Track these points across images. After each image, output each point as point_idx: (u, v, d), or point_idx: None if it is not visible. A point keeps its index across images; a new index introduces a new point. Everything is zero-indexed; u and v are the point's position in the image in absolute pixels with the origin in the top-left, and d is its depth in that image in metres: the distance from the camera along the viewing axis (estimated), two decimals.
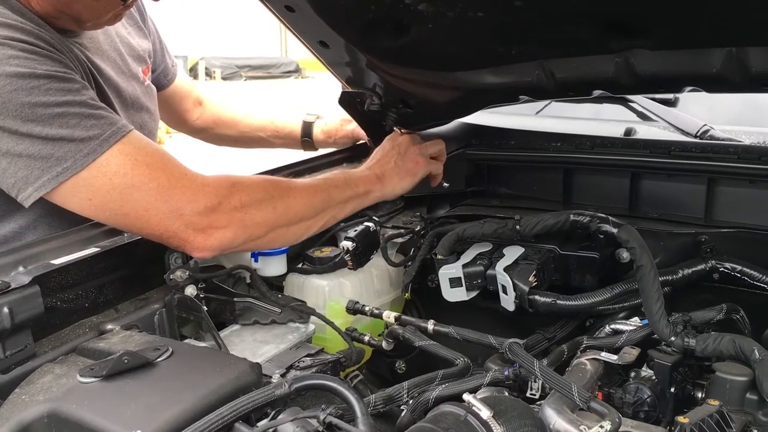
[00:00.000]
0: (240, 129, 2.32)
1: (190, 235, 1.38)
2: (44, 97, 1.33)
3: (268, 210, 1.46)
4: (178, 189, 1.37)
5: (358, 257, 1.73)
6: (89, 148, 1.33)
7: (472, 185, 2.06)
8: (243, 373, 1.11)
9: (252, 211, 1.43)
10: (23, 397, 1.09)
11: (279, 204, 1.48)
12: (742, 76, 1.41)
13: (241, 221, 1.42)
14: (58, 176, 1.32)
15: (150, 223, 1.36)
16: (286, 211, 1.50)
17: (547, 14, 1.44)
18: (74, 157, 1.32)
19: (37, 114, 1.32)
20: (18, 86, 1.31)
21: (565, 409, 1.15)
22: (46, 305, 1.22)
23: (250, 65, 19.74)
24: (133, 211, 1.36)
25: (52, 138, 1.32)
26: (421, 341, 1.52)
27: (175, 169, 1.40)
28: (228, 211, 1.40)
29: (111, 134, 1.35)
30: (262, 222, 1.46)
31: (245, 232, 1.44)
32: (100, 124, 1.36)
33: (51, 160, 1.32)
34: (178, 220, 1.36)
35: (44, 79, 1.34)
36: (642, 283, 1.41)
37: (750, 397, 1.19)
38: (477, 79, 1.75)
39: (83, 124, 1.34)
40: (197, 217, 1.37)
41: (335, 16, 1.63)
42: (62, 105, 1.34)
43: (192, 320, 1.50)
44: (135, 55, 1.84)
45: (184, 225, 1.37)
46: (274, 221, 1.48)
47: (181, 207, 1.36)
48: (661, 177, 1.80)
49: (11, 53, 1.34)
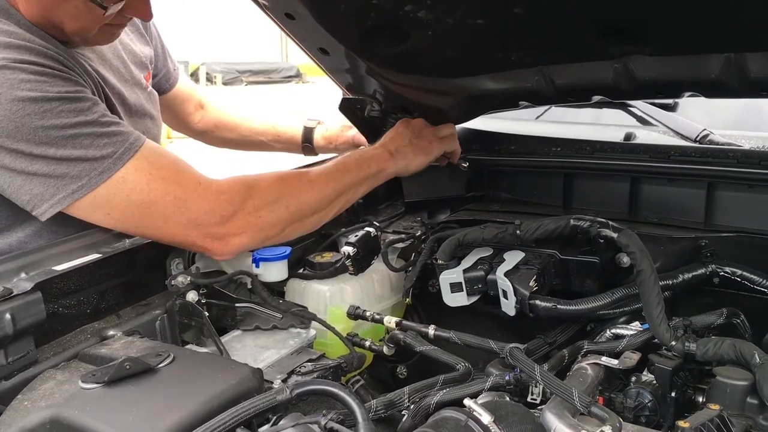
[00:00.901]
0: (241, 132, 2.34)
1: (209, 243, 1.46)
2: (57, 119, 1.35)
3: (282, 210, 1.53)
4: (193, 200, 1.43)
5: (359, 262, 1.73)
6: (104, 166, 1.37)
7: (473, 190, 2.07)
8: (244, 378, 1.11)
9: (266, 214, 1.50)
10: (25, 403, 1.10)
11: (292, 202, 1.54)
12: (740, 81, 1.42)
13: (256, 225, 1.49)
14: (74, 193, 1.36)
15: (169, 234, 1.43)
16: (299, 208, 1.56)
17: (546, 21, 1.45)
18: (89, 176, 1.36)
19: (51, 136, 1.35)
20: (31, 110, 1.34)
21: (566, 413, 1.15)
22: (48, 311, 1.22)
23: (250, 70, 19.77)
24: (152, 224, 1.42)
25: (66, 159, 1.35)
26: (422, 346, 1.52)
27: (189, 180, 1.45)
28: (243, 217, 1.47)
29: (124, 151, 1.39)
30: (277, 222, 1.53)
31: (261, 234, 1.52)
32: (113, 141, 1.39)
33: (66, 179, 1.36)
34: (195, 230, 1.43)
35: (56, 101, 1.36)
36: (642, 287, 1.41)
37: (750, 401, 1.19)
38: (477, 85, 1.76)
39: (96, 144, 1.37)
40: (214, 227, 1.44)
41: (335, 23, 1.64)
42: (75, 126, 1.37)
43: (193, 326, 1.50)
44: (137, 61, 1.85)
45: (202, 235, 1.44)
46: (288, 219, 1.55)
47: (197, 218, 1.43)
48: (660, 182, 1.80)
49: (23, 77, 1.35)
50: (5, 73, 1.34)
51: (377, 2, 1.47)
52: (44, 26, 1.49)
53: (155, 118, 1.89)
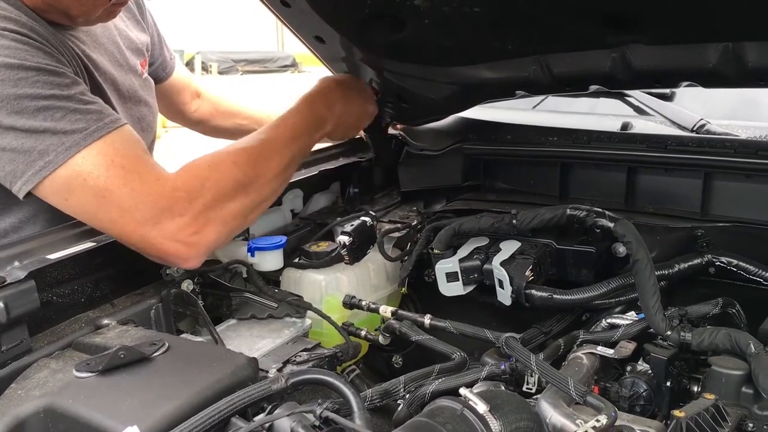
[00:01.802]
0: (237, 122, 2.31)
1: (170, 246, 1.34)
2: (31, 89, 1.31)
3: (241, 199, 1.43)
4: (151, 196, 1.33)
5: (355, 252, 1.73)
6: (72, 141, 1.31)
7: (469, 180, 2.06)
8: (239, 367, 1.11)
9: (226, 207, 1.40)
10: (19, 392, 1.09)
11: (250, 189, 1.45)
12: (738, 71, 1.41)
13: (218, 219, 1.39)
14: (41, 171, 1.30)
15: (126, 230, 1.33)
16: (259, 191, 1.47)
17: (544, 9, 1.44)
18: (56, 151, 1.30)
19: (22, 106, 1.30)
20: (5, 77, 1.30)
21: (562, 403, 1.15)
22: (42, 300, 1.22)
23: (246, 59, 19.71)
24: (108, 216, 1.33)
25: (35, 130, 1.30)
26: (418, 336, 1.52)
27: (150, 174, 1.35)
28: (203, 214, 1.36)
29: (96, 129, 1.33)
30: (240, 212, 1.43)
31: (225, 228, 1.41)
32: (86, 118, 1.33)
33: (33, 154, 1.30)
34: (153, 230, 1.32)
35: (33, 71, 1.33)
36: (638, 277, 1.41)
37: (746, 390, 1.19)
38: (473, 74, 1.75)
39: (68, 118, 1.32)
40: (174, 226, 1.33)
41: (331, 11, 1.63)
42: (49, 98, 1.32)
43: (188, 315, 1.50)
44: (133, 47, 1.83)
45: (161, 236, 1.33)
46: (251, 204, 1.46)
47: (155, 216, 1.32)
48: (657, 171, 1.80)
49: (2, 43, 1.33)
50: None
51: None
52: (45, 10, 1.48)
53: (150, 105, 1.88)
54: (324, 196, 2.05)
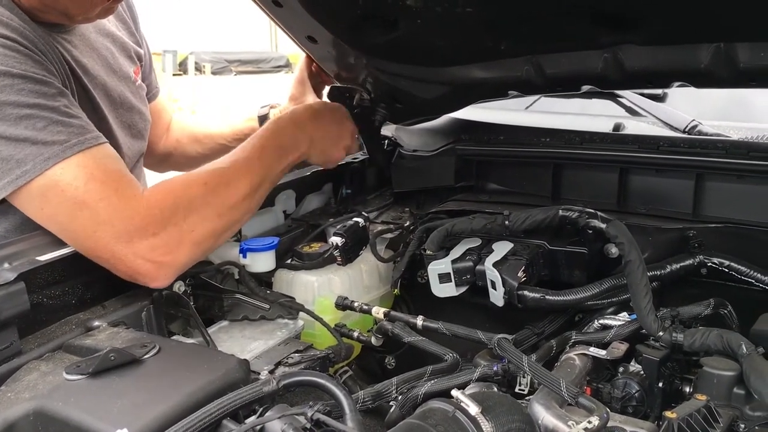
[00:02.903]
0: (202, 142, 2.20)
1: (141, 264, 1.34)
2: (15, 96, 1.31)
3: (214, 219, 1.43)
4: (126, 212, 1.33)
5: (347, 253, 1.72)
6: (51, 152, 1.30)
7: (461, 180, 2.06)
8: (231, 369, 1.11)
9: (200, 226, 1.40)
10: (9, 394, 1.08)
11: (222, 208, 1.45)
12: (730, 71, 1.42)
13: (191, 240, 1.39)
14: (17, 179, 1.30)
15: (99, 244, 1.32)
16: (231, 212, 1.47)
17: (536, 9, 1.44)
18: (34, 161, 1.29)
19: (5, 113, 1.29)
20: None
21: (554, 404, 1.15)
22: (32, 302, 1.21)
23: (240, 60, 19.67)
24: (82, 229, 1.32)
25: (15, 138, 1.29)
26: (410, 337, 1.52)
27: (126, 190, 1.35)
28: (177, 234, 1.37)
29: (77, 143, 1.33)
30: (212, 232, 1.44)
31: (198, 248, 1.42)
32: (68, 131, 1.33)
33: (11, 162, 1.30)
34: (125, 247, 1.32)
35: (19, 78, 1.32)
36: (630, 278, 1.41)
37: (737, 391, 1.19)
38: (466, 75, 1.75)
39: (50, 129, 1.31)
40: (147, 245, 1.33)
41: (323, 11, 1.63)
42: (32, 107, 1.32)
43: (180, 317, 1.49)
44: (127, 55, 1.83)
45: (133, 254, 1.33)
46: (223, 226, 1.46)
47: (128, 233, 1.32)
48: (649, 172, 1.80)
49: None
50: None
51: None
52: (43, 10, 1.47)
53: (143, 113, 1.86)
54: (316, 197, 2.05)
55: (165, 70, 13.79)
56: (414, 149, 2.08)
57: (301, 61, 2.02)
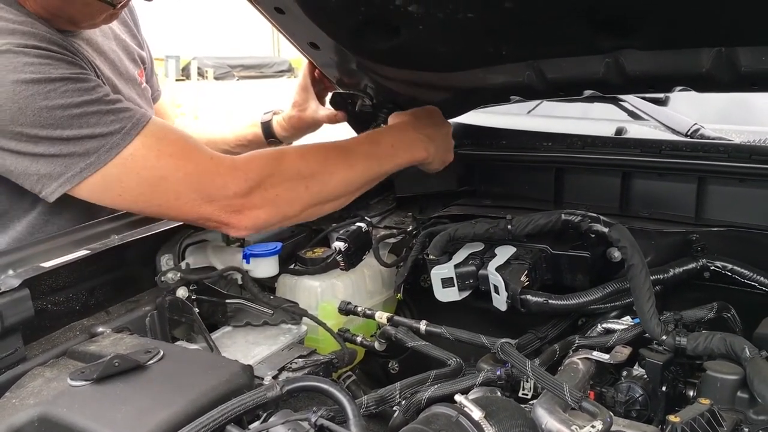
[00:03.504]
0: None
1: (224, 216, 1.42)
2: (61, 99, 1.34)
3: (301, 190, 1.50)
4: (206, 175, 1.41)
5: (350, 258, 1.73)
6: (112, 142, 1.35)
7: (464, 185, 2.06)
8: (234, 375, 1.11)
9: (284, 193, 1.47)
10: (13, 401, 1.09)
11: (313, 184, 1.51)
12: (731, 75, 1.42)
13: (273, 202, 1.46)
14: (83, 171, 1.34)
15: (183, 210, 1.42)
16: (320, 190, 1.53)
17: (538, 15, 1.44)
18: (97, 153, 1.34)
19: (56, 117, 1.33)
20: (34, 91, 1.32)
21: (557, 408, 1.15)
22: (36, 308, 1.22)
23: (242, 65, 19.70)
24: (165, 201, 1.40)
25: (74, 138, 1.34)
26: (414, 342, 1.52)
27: (200, 156, 1.43)
28: (259, 193, 1.44)
29: (132, 126, 1.37)
30: (296, 200, 1.50)
31: (278, 212, 1.49)
32: (119, 118, 1.37)
33: (74, 157, 1.34)
34: (210, 206, 1.41)
35: (60, 82, 1.35)
36: (633, 282, 1.41)
37: (741, 395, 1.19)
38: (468, 80, 1.76)
39: (103, 121, 1.36)
40: (228, 200, 1.41)
41: (325, 17, 1.63)
42: (80, 105, 1.35)
43: (183, 322, 1.50)
44: (131, 58, 1.85)
45: (218, 209, 1.41)
46: (309, 200, 1.52)
47: (211, 193, 1.40)
48: (652, 176, 1.80)
49: (26, 60, 1.35)
50: (8, 57, 1.33)
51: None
52: (49, 18, 1.49)
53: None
54: None
55: (168, 76, 13.82)
56: None
57: (304, 68, 2.03)
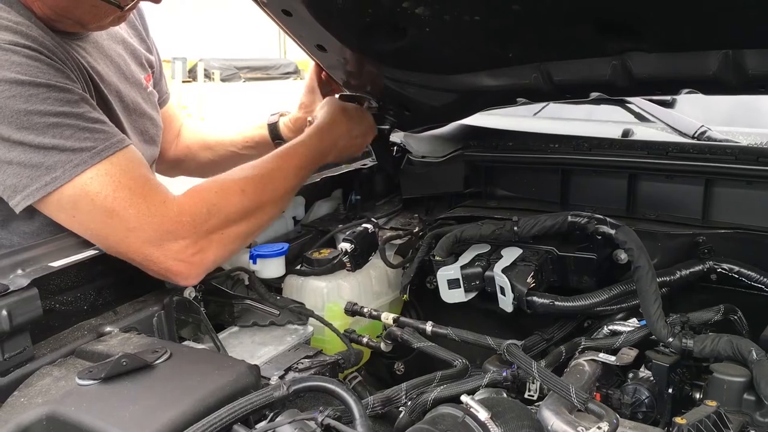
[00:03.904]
0: (213, 149, 2.21)
1: (172, 265, 1.39)
2: (41, 105, 1.33)
3: (243, 225, 1.49)
4: (156, 218, 1.37)
5: (357, 259, 1.73)
6: (80, 159, 1.33)
7: (470, 186, 2.06)
8: (241, 375, 1.11)
9: (229, 230, 1.46)
10: (22, 399, 1.09)
11: (253, 217, 1.51)
12: (738, 78, 1.41)
13: (219, 242, 1.45)
14: (47, 186, 1.33)
15: (130, 249, 1.37)
16: (259, 220, 1.54)
17: (544, 17, 1.44)
18: (63, 168, 1.32)
19: (32, 122, 1.32)
20: (16, 93, 1.32)
21: (563, 410, 1.15)
22: (44, 308, 1.22)
23: (249, 66, 19.72)
24: (113, 235, 1.37)
25: (44, 147, 1.32)
26: (420, 343, 1.52)
27: (156, 197, 1.39)
28: (207, 236, 1.42)
29: (104, 148, 1.36)
30: (240, 235, 1.50)
31: (225, 250, 1.48)
32: (94, 137, 1.36)
33: (41, 169, 1.32)
34: (157, 250, 1.37)
35: (44, 87, 1.34)
36: (640, 284, 1.41)
37: (747, 397, 1.19)
38: (474, 82, 1.76)
39: (77, 136, 1.34)
40: (176, 248, 1.38)
41: (332, 20, 1.64)
42: (58, 115, 1.34)
43: (190, 322, 1.50)
44: (138, 62, 1.85)
45: (163, 256, 1.38)
46: (252, 228, 1.53)
47: (160, 238, 1.37)
48: (658, 178, 1.80)
49: (14, 59, 1.34)
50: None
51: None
52: (57, 20, 1.49)
53: (154, 119, 1.87)
54: (326, 203, 2.06)
55: (174, 77, 13.85)
56: (423, 155, 2.09)
57: (311, 70, 2.03)
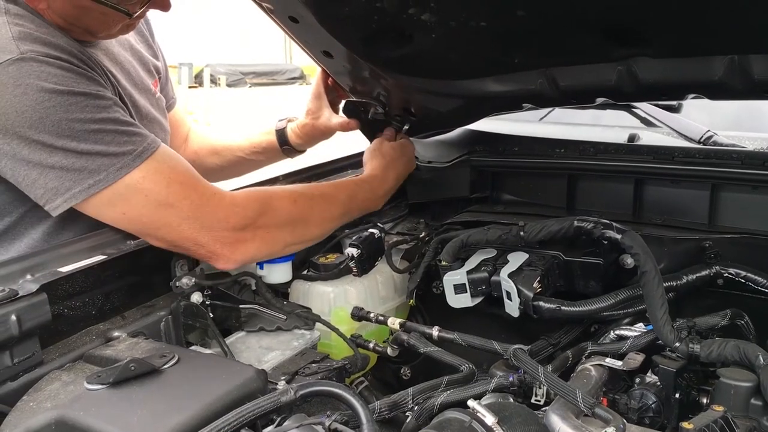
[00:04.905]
0: (221, 154, 2.22)
1: (218, 247, 1.48)
2: (81, 113, 1.38)
3: (287, 231, 1.61)
4: (209, 207, 1.47)
5: (363, 264, 1.74)
6: (122, 162, 1.39)
7: (476, 191, 2.06)
8: (249, 379, 1.12)
9: (274, 231, 1.57)
10: (31, 404, 1.10)
11: (298, 228, 1.63)
12: (744, 83, 1.42)
13: (263, 239, 1.55)
14: (90, 188, 1.38)
15: (181, 236, 1.46)
16: (302, 234, 1.65)
17: (550, 23, 1.45)
18: (107, 171, 1.38)
19: (74, 129, 1.36)
20: (57, 102, 1.36)
21: (570, 415, 1.15)
22: (53, 313, 1.23)
23: (254, 72, 19.78)
24: (166, 225, 1.44)
25: (87, 153, 1.37)
26: (426, 347, 1.52)
27: (206, 188, 1.50)
28: (253, 230, 1.53)
29: (143, 150, 1.42)
30: (281, 240, 1.60)
31: (267, 248, 1.58)
32: (132, 140, 1.42)
33: (84, 173, 1.37)
34: (207, 235, 1.47)
35: (81, 96, 1.39)
36: (646, 288, 1.41)
37: (755, 402, 1.19)
38: (480, 88, 1.76)
39: (117, 140, 1.40)
40: (225, 232, 1.48)
41: (338, 26, 1.64)
42: (98, 122, 1.39)
43: (198, 327, 1.51)
44: (146, 68, 1.86)
45: (213, 239, 1.47)
46: (291, 240, 1.63)
47: (211, 224, 1.47)
48: (664, 183, 1.79)
49: (50, 71, 1.38)
50: (33, 66, 1.36)
51: (380, 5, 1.47)
52: (67, 28, 1.52)
53: (162, 124, 1.89)
54: None
55: (181, 83, 13.91)
56: (429, 161, 2.09)
57: (317, 76, 2.04)
